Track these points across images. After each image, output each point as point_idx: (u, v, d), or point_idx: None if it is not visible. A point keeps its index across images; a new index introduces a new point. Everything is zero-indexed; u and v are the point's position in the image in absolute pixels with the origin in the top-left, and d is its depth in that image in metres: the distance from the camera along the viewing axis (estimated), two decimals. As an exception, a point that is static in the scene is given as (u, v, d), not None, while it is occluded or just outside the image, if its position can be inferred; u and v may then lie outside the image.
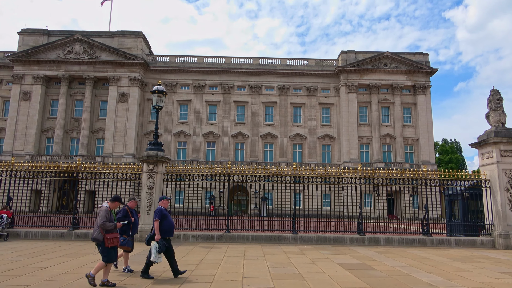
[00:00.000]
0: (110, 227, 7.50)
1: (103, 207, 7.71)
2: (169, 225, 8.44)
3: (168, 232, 8.39)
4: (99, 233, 7.42)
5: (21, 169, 17.55)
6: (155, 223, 8.23)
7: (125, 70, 48.01)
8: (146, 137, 48.82)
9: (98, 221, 7.46)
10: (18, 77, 47.34)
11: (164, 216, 8.40)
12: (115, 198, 8.01)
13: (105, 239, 7.38)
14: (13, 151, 45.08)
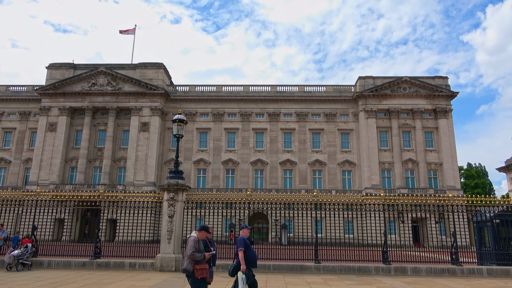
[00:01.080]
0: (199, 258, 7.21)
1: (191, 237, 7.44)
2: (252, 255, 8.10)
3: (252, 262, 8.04)
4: (189, 263, 7.17)
5: (46, 199, 17.94)
6: (240, 253, 7.89)
7: (147, 100, 49.32)
8: (166, 165, 49.39)
9: (188, 251, 7.22)
10: (45, 109, 49.23)
11: (247, 246, 8.05)
12: (202, 227, 7.67)
13: (195, 270, 7.10)
14: (38, 181, 46.25)
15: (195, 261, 7.12)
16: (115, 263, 15.53)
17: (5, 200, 17.80)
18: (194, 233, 7.54)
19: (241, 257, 7.83)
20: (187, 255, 7.18)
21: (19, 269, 14.57)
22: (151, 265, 15.32)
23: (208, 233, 7.76)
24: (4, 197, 17.84)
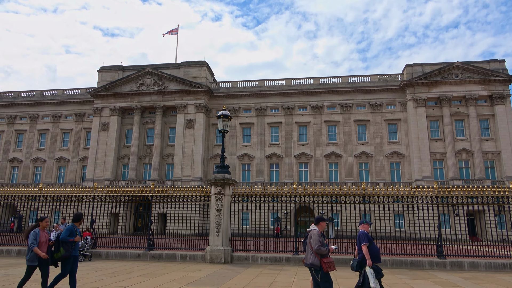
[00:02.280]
0: (325, 252, 6.92)
1: (314, 231, 7.20)
2: (376, 250, 7.94)
3: (376, 257, 7.86)
4: (315, 258, 6.91)
5: (102, 194, 19.04)
6: (364, 248, 7.74)
7: (191, 98, 50.59)
8: (211, 161, 50.48)
9: (313, 245, 6.93)
10: (97, 110, 52.08)
11: (370, 240, 7.90)
12: (320, 219, 7.39)
13: (322, 264, 6.84)
14: (94, 178, 49.13)
15: (321, 255, 6.88)
16: (167, 255, 16.18)
17: (65, 196, 19.11)
18: (314, 226, 7.30)
19: (366, 252, 7.68)
20: (313, 249, 6.91)
21: (81, 259, 15.59)
22: (201, 257, 15.78)
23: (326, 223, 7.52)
24: (65, 193, 19.15)
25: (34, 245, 7.50)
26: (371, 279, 7.48)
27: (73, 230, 8.09)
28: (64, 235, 7.94)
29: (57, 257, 7.80)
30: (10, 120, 56.95)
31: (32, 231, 7.73)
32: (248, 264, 15.13)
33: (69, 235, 7.96)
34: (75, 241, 8.02)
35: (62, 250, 7.81)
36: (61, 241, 7.92)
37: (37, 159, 54.94)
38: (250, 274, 12.35)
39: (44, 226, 7.88)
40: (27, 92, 58.64)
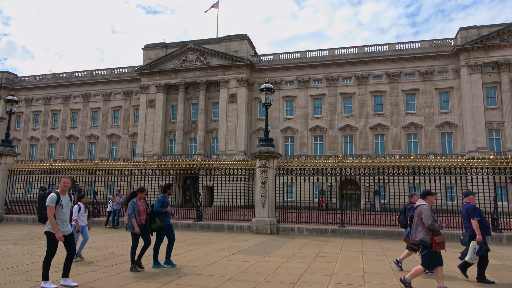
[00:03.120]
0: (438, 228, 6.38)
1: (424, 206, 6.66)
2: (486, 223, 7.60)
3: (487, 230, 7.55)
4: (425, 234, 6.40)
5: (152, 168, 19.93)
6: (475, 222, 7.39)
7: (233, 72, 50.69)
8: (254, 135, 50.87)
9: (426, 221, 6.42)
10: (144, 88, 53.81)
11: (481, 214, 7.54)
12: (427, 192, 6.89)
13: (433, 242, 6.30)
14: (143, 153, 51.43)
15: (432, 232, 6.38)
16: (215, 225, 16.80)
17: (119, 170, 20.21)
18: (422, 200, 6.84)
19: (476, 227, 7.36)
20: (425, 225, 6.43)
21: (136, 229, 16.61)
22: (248, 227, 16.21)
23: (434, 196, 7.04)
24: (118, 167, 20.24)
25: (132, 216, 7.92)
26: (470, 253, 7.33)
27: (164, 201, 8.40)
28: (157, 206, 8.28)
29: (154, 228, 8.27)
30: (66, 100, 60.47)
31: (130, 200, 8.11)
32: (294, 235, 15.34)
33: (161, 206, 8.31)
34: (167, 211, 8.38)
35: (157, 221, 8.21)
36: (155, 212, 8.27)
37: (91, 136, 58.29)
38: (296, 244, 12.54)
39: (140, 197, 8.23)
40: (79, 73, 61.65)
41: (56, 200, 6.36)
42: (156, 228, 8.29)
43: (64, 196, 6.56)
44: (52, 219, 6.28)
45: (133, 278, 7.25)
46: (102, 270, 7.97)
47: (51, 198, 6.33)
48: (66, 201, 6.55)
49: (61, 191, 6.57)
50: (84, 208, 9.55)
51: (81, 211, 9.41)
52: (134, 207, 7.98)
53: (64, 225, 6.49)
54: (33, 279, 7.02)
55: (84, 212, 9.53)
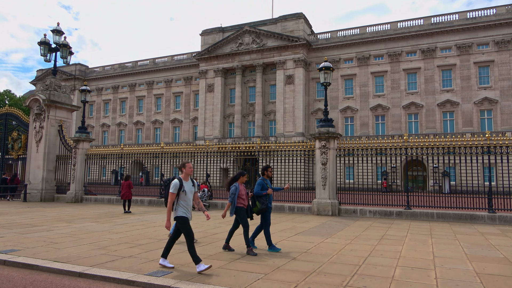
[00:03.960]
0: None
1: None
2: None
3: None
4: None
5: (213, 150, 20.52)
6: None
7: (289, 53, 49.99)
8: (312, 116, 50.13)
9: None
10: (203, 73, 55.18)
11: None
12: None
13: None
14: (204, 136, 53.17)
15: None
16: (276, 206, 16.95)
17: (182, 153, 21.09)
18: None
19: None
20: None
21: (200, 209, 17.35)
22: (308, 209, 16.17)
23: None
24: (182, 150, 21.13)
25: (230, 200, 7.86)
26: None
27: (264, 184, 8.22)
28: (257, 189, 8.14)
29: (255, 211, 8.17)
30: (131, 88, 64.06)
31: (232, 185, 8.01)
32: (356, 217, 15.03)
33: (261, 189, 8.16)
34: (268, 193, 8.19)
35: (258, 204, 8.10)
36: (255, 195, 8.16)
37: (155, 121, 61.41)
38: (359, 226, 12.28)
39: (242, 181, 8.19)
40: (143, 61, 64.73)
41: (179, 186, 6.27)
42: (258, 211, 8.14)
43: (187, 182, 6.42)
44: (169, 207, 6.30)
45: (201, 255, 7.58)
46: (173, 247, 8.42)
47: (174, 185, 6.26)
48: (189, 186, 6.43)
49: (185, 176, 6.43)
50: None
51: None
52: (236, 192, 7.84)
53: (189, 211, 6.39)
54: (112, 253, 7.63)
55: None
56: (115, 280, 5.87)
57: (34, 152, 22.58)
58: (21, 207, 18.26)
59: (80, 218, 13.73)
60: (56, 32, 22.99)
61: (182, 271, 6.32)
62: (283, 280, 5.81)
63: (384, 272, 6.40)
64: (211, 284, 5.59)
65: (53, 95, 22.78)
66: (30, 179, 22.38)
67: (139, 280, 5.73)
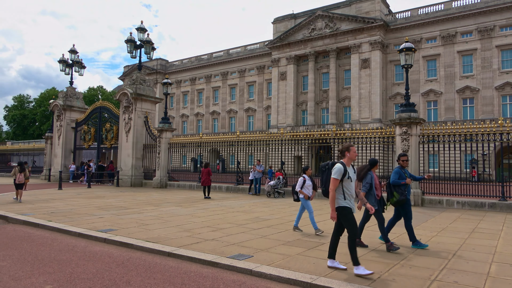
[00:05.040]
0: None
1: None
2: None
3: None
4: None
5: (287, 138, 20.55)
6: None
7: (365, 36, 47.73)
8: (391, 101, 47.54)
9: None
10: (275, 61, 55.25)
11: None
12: None
13: None
14: (277, 124, 53.47)
15: None
16: (352, 195, 16.51)
17: (256, 141, 21.47)
18: None
19: None
20: None
21: (276, 196, 17.59)
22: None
23: None
24: (256, 138, 21.51)
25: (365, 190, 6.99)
26: None
27: (402, 173, 7.43)
28: (394, 178, 7.36)
29: (392, 202, 7.37)
30: (207, 79, 66.63)
31: (367, 173, 7.13)
32: (442, 208, 14.03)
33: (399, 177, 7.37)
34: (406, 183, 7.34)
35: (395, 194, 7.29)
36: (392, 185, 7.38)
37: (230, 110, 63.27)
38: (445, 218, 11.45)
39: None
40: (218, 53, 66.81)
41: (343, 172, 5.47)
42: (395, 202, 7.29)
43: (349, 168, 5.61)
44: (333, 194, 5.47)
45: (278, 241, 7.69)
46: (251, 232, 8.68)
47: (338, 170, 5.46)
48: (352, 173, 5.64)
49: (347, 161, 5.62)
50: (310, 181, 8.96)
51: (306, 183, 8.85)
52: (372, 182, 7.06)
53: (352, 201, 5.60)
54: (196, 236, 8.10)
55: (309, 184, 8.90)
56: (200, 261, 6.23)
57: (124, 142, 24.73)
58: (115, 191, 20.21)
59: (166, 202, 14.77)
60: (140, 30, 24.72)
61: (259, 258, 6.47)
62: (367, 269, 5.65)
63: (478, 268, 5.91)
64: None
65: (139, 88, 24.62)
66: (122, 166, 24.60)
67: (222, 262, 6.01)
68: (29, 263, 6.11)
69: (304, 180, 8.87)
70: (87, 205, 13.45)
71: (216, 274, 5.64)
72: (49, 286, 4.98)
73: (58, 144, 29.85)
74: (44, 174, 30.80)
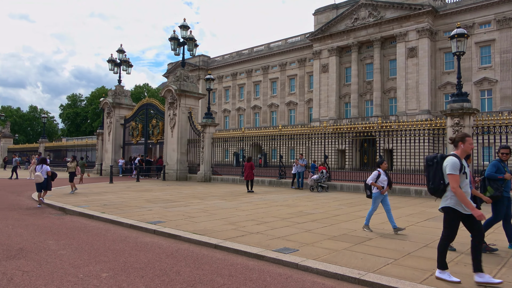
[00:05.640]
0: None
1: None
2: None
3: None
4: None
5: (329, 132, 20.20)
6: None
7: (412, 23, 45.62)
8: (440, 91, 45.22)
9: None
10: (316, 53, 54.35)
11: None
12: None
13: None
14: (319, 118, 52.69)
15: None
16: (400, 190, 15.96)
17: (299, 134, 21.29)
18: None
19: None
20: None
21: (319, 190, 17.38)
22: (438, 193, 14.75)
23: None
24: (299, 132, 21.33)
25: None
26: None
27: (500, 166, 6.63)
28: (490, 171, 6.62)
29: None
30: (248, 74, 66.95)
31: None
32: (499, 203, 13.17)
33: (496, 171, 6.61)
34: (505, 178, 6.51)
35: (489, 189, 6.53)
36: (487, 178, 6.63)
37: (271, 104, 63.22)
38: (503, 214, 10.74)
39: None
40: (258, 47, 66.86)
41: (460, 166, 4.77)
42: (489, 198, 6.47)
43: (463, 161, 4.91)
44: (460, 191, 4.68)
45: (323, 236, 7.59)
46: (295, 226, 8.64)
47: (454, 164, 4.75)
48: (467, 168, 5.00)
49: (461, 154, 4.91)
50: (385, 175, 8.21)
51: (381, 178, 8.12)
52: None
53: None
54: (241, 229, 8.18)
55: (384, 179, 8.16)
56: (246, 254, 6.29)
57: (169, 137, 25.51)
58: (162, 185, 20.93)
59: (210, 196, 15.08)
60: (183, 28, 25.26)
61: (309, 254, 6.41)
62: (415, 267, 5.44)
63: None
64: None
65: (183, 85, 25.23)
66: (167, 161, 25.42)
67: (268, 255, 6.03)
68: (86, 252, 6.48)
69: (378, 174, 8.13)
70: (136, 198, 14.04)
71: (262, 267, 5.67)
72: (105, 274, 5.25)
73: (109, 140, 31.38)
74: (96, 168, 32.56)
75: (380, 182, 8.13)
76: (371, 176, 8.23)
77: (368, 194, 8.42)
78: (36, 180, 12.53)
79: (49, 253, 6.36)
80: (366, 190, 8.46)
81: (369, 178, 8.22)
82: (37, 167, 12.89)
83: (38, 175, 12.46)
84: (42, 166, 12.79)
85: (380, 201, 8.25)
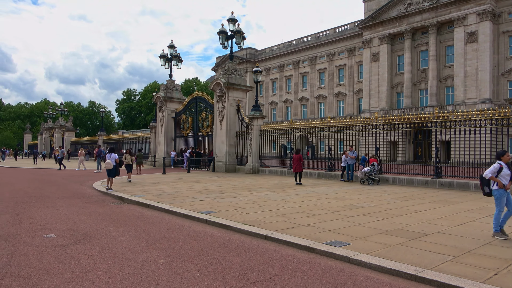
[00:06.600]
0: None
1: None
2: None
3: None
4: None
5: (380, 123, 19.48)
6: None
7: (471, 5, 42.50)
8: (504, 77, 41.85)
9: None
10: (367, 42, 52.46)
11: None
12: None
13: None
14: (369, 108, 51.00)
15: None
16: (458, 184, 15.11)
17: (348, 126, 20.78)
18: None
19: None
20: None
21: (370, 183, 16.89)
22: (502, 188, 13.76)
23: None
24: (348, 124, 20.81)
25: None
26: None
27: None
28: None
29: None
30: (296, 65, 66.26)
31: None
32: None
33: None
34: None
35: None
36: None
37: (319, 96, 62.21)
38: None
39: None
40: (305, 38, 65.87)
41: None
42: None
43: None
44: None
45: (375, 230, 7.38)
46: (346, 220, 8.48)
47: None
48: None
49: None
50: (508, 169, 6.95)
51: (503, 171, 6.86)
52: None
53: None
54: (290, 221, 8.19)
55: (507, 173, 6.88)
56: (296, 246, 6.29)
57: (218, 129, 26.01)
58: (211, 176, 21.46)
59: (259, 188, 15.22)
60: (231, 21, 25.47)
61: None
62: (477, 265, 5.13)
63: None
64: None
65: (231, 78, 25.54)
66: (217, 153, 25.98)
67: (319, 248, 5.98)
68: (143, 239, 6.82)
69: (500, 167, 6.84)
70: (188, 189, 14.52)
71: (312, 259, 5.64)
72: (162, 261, 5.51)
73: (161, 132, 32.67)
74: (150, 160, 34.07)
75: (502, 177, 6.82)
76: (490, 169, 6.93)
77: (486, 191, 7.13)
78: (106, 167, 14.12)
79: (110, 239, 6.79)
80: (484, 186, 7.15)
81: (488, 172, 6.93)
82: (107, 155, 14.72)
83: (108, 162, 14.07)
84: (111, 155, 14.47)
85: (505, 199, 6.86)
